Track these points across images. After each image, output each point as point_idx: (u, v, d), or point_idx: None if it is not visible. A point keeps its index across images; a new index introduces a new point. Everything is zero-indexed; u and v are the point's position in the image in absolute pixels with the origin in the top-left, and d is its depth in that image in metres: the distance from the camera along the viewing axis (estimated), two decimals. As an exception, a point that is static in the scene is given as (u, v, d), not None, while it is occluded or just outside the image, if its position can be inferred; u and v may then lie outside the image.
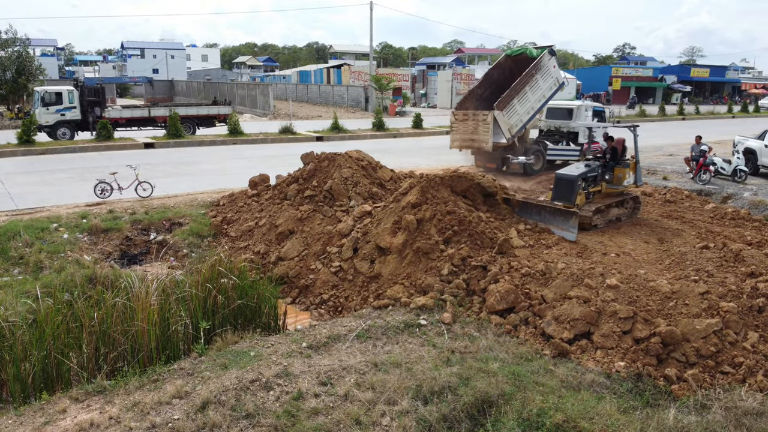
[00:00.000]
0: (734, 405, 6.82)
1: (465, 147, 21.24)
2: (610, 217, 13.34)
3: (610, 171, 13.56)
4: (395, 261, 10.83)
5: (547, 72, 20.40)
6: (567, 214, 12.01)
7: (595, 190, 13.25)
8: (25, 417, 6.63)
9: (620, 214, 13.63)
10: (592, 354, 7.99)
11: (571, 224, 11.92)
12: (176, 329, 8.75)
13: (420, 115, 37.64)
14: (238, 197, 15.76)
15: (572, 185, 12.47)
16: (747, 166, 20.35)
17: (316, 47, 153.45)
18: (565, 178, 12.68)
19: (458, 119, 20.94)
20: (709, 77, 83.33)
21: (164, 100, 67.38)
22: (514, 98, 19.83)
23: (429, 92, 66.49)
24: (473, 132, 20.33)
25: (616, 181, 13.61)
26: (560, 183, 12.71)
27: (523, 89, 20.00)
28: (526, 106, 20.19)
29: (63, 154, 24.62)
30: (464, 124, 20.69)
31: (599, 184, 13.38)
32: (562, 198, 12.51)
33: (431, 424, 6.33)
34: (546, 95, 20.75)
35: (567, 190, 12.51)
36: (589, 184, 13.11)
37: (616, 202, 13.50)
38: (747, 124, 44.32)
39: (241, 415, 6.49)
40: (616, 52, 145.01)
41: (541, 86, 20.40)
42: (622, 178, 13.60)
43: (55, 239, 12.90)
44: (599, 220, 12.95)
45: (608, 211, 13.28)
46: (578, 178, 12.54)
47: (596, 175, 13.20)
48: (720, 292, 8.83)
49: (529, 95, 20.16)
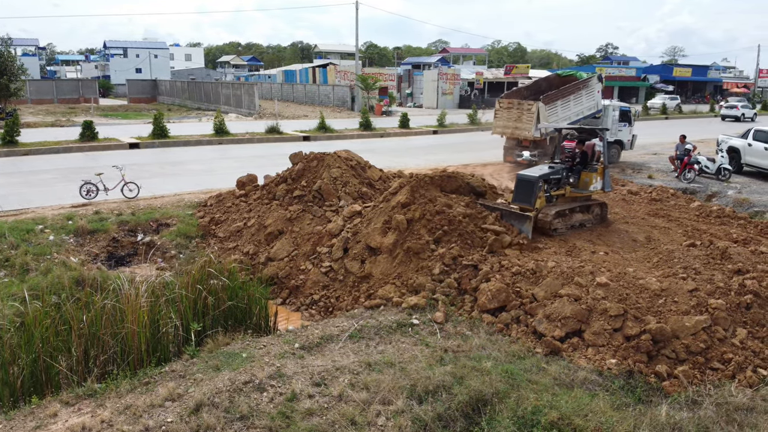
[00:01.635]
0: (725, 401, 6.91)
1: (506, 134, 22.48)
2: (573, 223, 12.72)
3: (576, 175, 13.03)
4: (386, 261, 10.83)
5: (591, 93, 22.11)
6: (522, 218, 11.64)
7: (557, 194, 12.67)
8: (15, 421, 6.54)
9: (585, 219, 13.00)
10: (583, 352, 8.05)
11: (525, 228, 11.56)
12: (167, 331, 8.68)
13: (407, 114, 37.67)
14: (226, 197, 15.66)
15: (532, 187, 11.92)
16: (731, 164, 20.64)
17: (301, 47, 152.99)
18: (525, 179, 12.15)
19: (503, 107, 22.41)
20: (692, 77, 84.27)
21: (148, 100, 66.93)
22: (558, 100, 21.33)
23: (415, 92, 66.52)
24: (516, 120, 21.69)
25: (582, 186, 13.06)
26: (521, 184, 12.17)
27: (569, 96, 21.58)
28: (566, 113, 21.48)
29: (46, 155, 24.31)
30: (508, 112, 22.11)
31: (563, 187, 12.78)
32: (521, 200, 12.00)
33: (427, 424, 6.34)
34: (584, 113, 22.09)
35: (527, 192, 11.96)
36: (552, 186, 12.53)
37: (581, 207, 12.89)
38: (728, 123, 44.90)
39: (235, 417, 6.45)
40: (599, 52, 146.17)
41: (583, 102, 21.98)
42: (589, 182, 13.03)
43: (40, 241, 12.73)
44: (560, 224, 12.34)
45: (571, 215, 12.71)
46: (539, 179, 11.99)
47: (560, 178, 12.64)
48: (708, 289, 8.93)
49: (571, 104, 21.64)
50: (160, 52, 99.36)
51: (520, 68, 71.39)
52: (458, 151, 26.86)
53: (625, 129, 23.75)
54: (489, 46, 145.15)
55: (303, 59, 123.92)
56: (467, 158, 24.51)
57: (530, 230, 11.57)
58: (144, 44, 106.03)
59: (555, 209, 12.14)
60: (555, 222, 12.10)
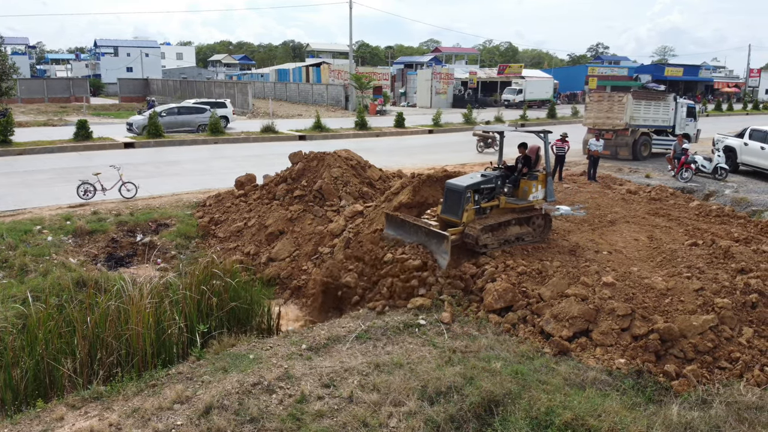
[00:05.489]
0: (734, 400, 6.91)
1: (597, 125, 24.71)
2: (508, 237, 11.08)
3: (513, 183, 11.47)
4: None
5: (667, 107, 25.24)
6: (440, 237, 10.30)
7: (489, 205, 11.10)
8: (21, 426, 6.45)
9: (522, 233, 11.31)
10: (592, 351, 8.04)
11: (443, 249, 10.21)
12: (171, 333, 8.60)
13: (402, 114, 37.63)
14: (225, 197, 15.57)
15: (460, 197, 10.59)
16: (727, 163, 20.73)
17: (293, 45, 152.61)
18: (453, 188, 10.77)
19: (593, 100, 25.41)
20: (683, 76, 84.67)
21: (140, 99, 66.49)
22: (644, 99, 24.73)
23: (408, 91, 66.52)
24: (608, 111, 24.40)
25: (520, 195, 11.50)
26: (449, 194, 10.84)
27: (651, 101, 24.84)
28: (643, 114, 24.52)
29: (41, 155, 24.09)
30: (599, 104, 24.86)
31: (496, 197, 11.23)
32: (449, 211, 10.75)
33: (439, 425, 6.30)
34: (655, 122, 25.13)
35: (455, 203, 10.65)
36: (483, 198, 11.07)
37: (518, 219, 11.25)
38: (720, 122, 45.17)
39: (246, 419, 6.40)
40: (590, 52, 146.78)
41: (659, 112, 24.95)
42: (528, 191, 11.40)
43: (39, 242, 12.61)
44: (490, 239, 10.70)
45: (505, 229, 11.07)
46: (466, 189, 10.59)
47: (493, 187, 11.13)
48: (714, 288, 8.94)
49: (651, 108, 24.71)
50: (151, 50, 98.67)
51: (514, 68, 71.49)
52: (455, 151, 26.86)
53: (692, 124, 26.52)
54: (481, 46, 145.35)
55: (295, 58, 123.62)
56: (465, 158, 24.50)
57: (447, 252, 10.13)
58: (135, 43, 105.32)
59: (484, 223, 10.63)
60: (484, 237, 10.55)
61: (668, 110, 25.21)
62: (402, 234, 10.95)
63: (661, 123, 25.24)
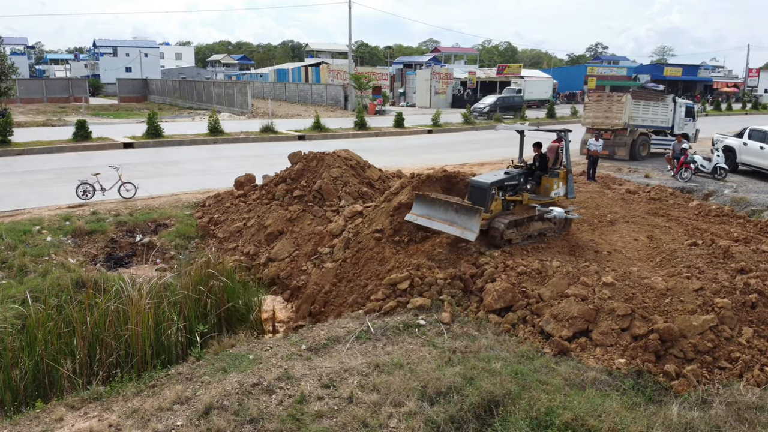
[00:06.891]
0: (734, 400, 6.91)
1: (596, 125, 24.84)
2: (531, 232, 11.46)
3: (535, 180, 11.99)
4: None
5: (666, 107, 25.33)
6: (471, 211, 10.51)
7: (513, 200, 11.55)
8: (20, 426, 6.43)
9: (545, 229, 11.70)
10: (592, 351, 8.03)
11: (473, 222, 10.38)
12: (170, 333, 8.60)
13: (401, 114, 37.63)
14: (224, 197, 15.56)
15: (485, 194, 10.95)
16: (726, 163, 20.74)
17: (291, 45, 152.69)
18: (478, 185, 11.16)
19: (592, 100, 25.52)
20: (682, 76, 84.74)
21: (139, 99, 66.48)
22: (643, 99, 24.78)
23: (408, 91, 66.51)
24: (606, 110, 24.54)
25: (542, 192, 11.96)
26: (474, 191, 11.20)
27: (650, 102, 24.92)
28: (641, 114, 24.64)
29: (40, 155, 24.07)
30: (598, 104, 24.99)
31: (519, 193, 11.68)
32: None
33: (439, 425, 6.29)
34: (653, 122, 25.26)
35: (480, 200, 10.98)
36: (508, 193, 11.50)
37: (540, 215, 11.62)
38: (719, 122, 45.24)
39: (246, 420, 6.38)
40: (589, 52, 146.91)
41: (657, 112, 25.07)
42: (550, 189, 11.87)
43: (38, 242, 12.59)
44: (514, 234, 11.07)
45: (528, 225, 11.45)
46: (491, 186, 11.00)
47: (516, 184, 11.57)
48: (713, 288, 8.94)
49: (650, 108, 24.84)
50: (150, 50, 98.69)
51: (513, 68, 71.49)
52: (455, 151, 26.88)
53: (690, 123, 26.57)
54: (480, 46, 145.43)
55: (294, 58, 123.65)
56: (464, 158, 24.52)
57: (477, 226, 10.33)
58: (134, 43, 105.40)
59: (510, 218, 11.00)
60: (509, 232, 10.93)
61: (667, 110, 25.33)
62: (431, 213, 11.10)
63: (660, 123, 25.37)
